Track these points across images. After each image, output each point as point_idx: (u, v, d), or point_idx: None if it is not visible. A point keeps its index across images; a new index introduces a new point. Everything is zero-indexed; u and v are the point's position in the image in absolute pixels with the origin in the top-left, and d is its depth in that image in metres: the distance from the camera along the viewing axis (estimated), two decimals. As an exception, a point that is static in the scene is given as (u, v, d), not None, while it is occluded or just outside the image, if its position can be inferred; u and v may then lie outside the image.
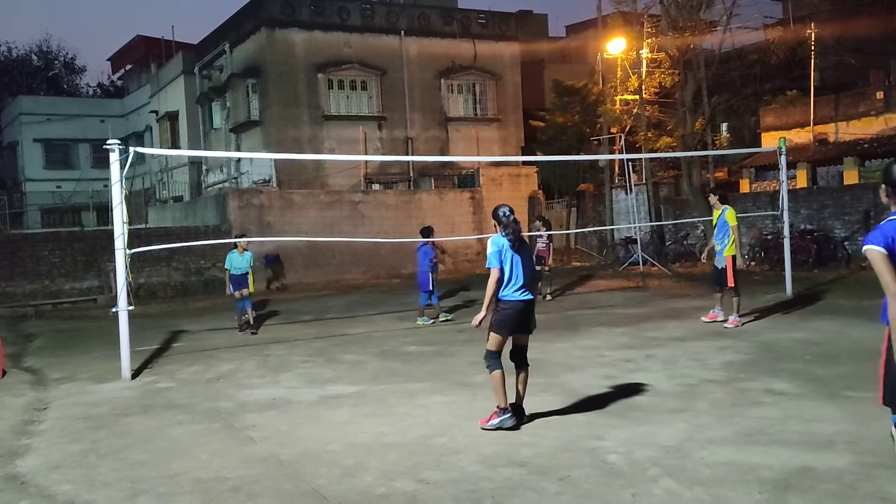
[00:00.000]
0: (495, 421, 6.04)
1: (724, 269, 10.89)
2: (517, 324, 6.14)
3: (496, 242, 6.13)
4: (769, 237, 18.90)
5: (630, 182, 22.97)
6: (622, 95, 24.97)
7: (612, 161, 24.67)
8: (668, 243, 22.17)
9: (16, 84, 50.06)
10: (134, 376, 9.11)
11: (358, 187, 25.70)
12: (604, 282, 18.26)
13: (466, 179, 25.99)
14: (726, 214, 10.81)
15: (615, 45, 24.80)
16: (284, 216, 21.60)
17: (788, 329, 10.20)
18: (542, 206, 25.70)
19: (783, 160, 13.99)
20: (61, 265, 18.99)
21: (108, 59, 47.67)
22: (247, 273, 12.70)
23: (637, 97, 23.65)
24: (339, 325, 13.25)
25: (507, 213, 6.20)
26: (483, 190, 24.80)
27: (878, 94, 25.85)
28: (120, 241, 8.94)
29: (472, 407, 6.90)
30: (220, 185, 28.80)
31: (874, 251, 3.79)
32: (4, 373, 9.70)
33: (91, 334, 13.41)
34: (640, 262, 20.51)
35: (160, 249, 16.77)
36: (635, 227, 21.51)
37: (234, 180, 28.41)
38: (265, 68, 26.56)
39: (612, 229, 23.58)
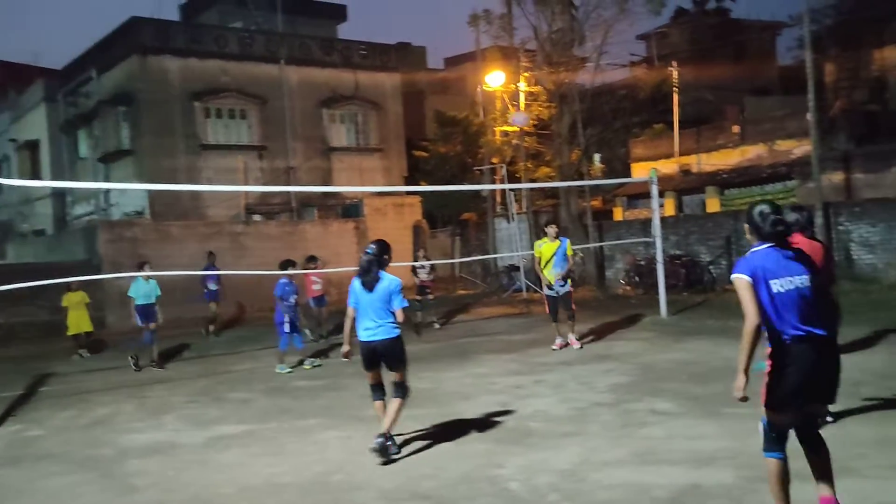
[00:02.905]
0: None
1: (568, 295, 11.45)
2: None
3: None
4: (642, 262, 19.83)
5: (511, 211, 23.56)
6: (502, 127, 25.66)
7: (494, 190, 25.24)
8: (548, 270, 22.81)
9: None
10: (-3, 426, 8.42)
11: (239, 218, 25.03)
12: (489, 309, 18.55)
13: (351, 209, 25.85)
14: (568, 246, 11.43)
15: (494, 78, 25.51)
16: (161, 249, 20.64)
17: (665, 350, 10.69)
18: (427, 236, 25.89)
19: (654, 189, 14.75)
20: None
21: (-39, 84, 44.44)
22: (154, 303, 12.22)
23: (516, 129, 24.37)
24: (223, 361, 12.78)
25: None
26: (367, 220, 24.74)
27: (734, 128, 27.79)
28: (-19, 279, 8.29)
29: (369, 441, 6.80)
30: (89, 218, 27.31)
31: (741, 280, 4.14)
32: None
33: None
34: (524, 289, 21.01)
35: (22, 288, 15.61)
36: (518, 255, 22.03)
37: (103, 212, 27.03)
38: (137, 96, 25.54)
39: (496, 257, 24.03)
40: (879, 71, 29.74)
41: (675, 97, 28.05)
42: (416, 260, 16.56)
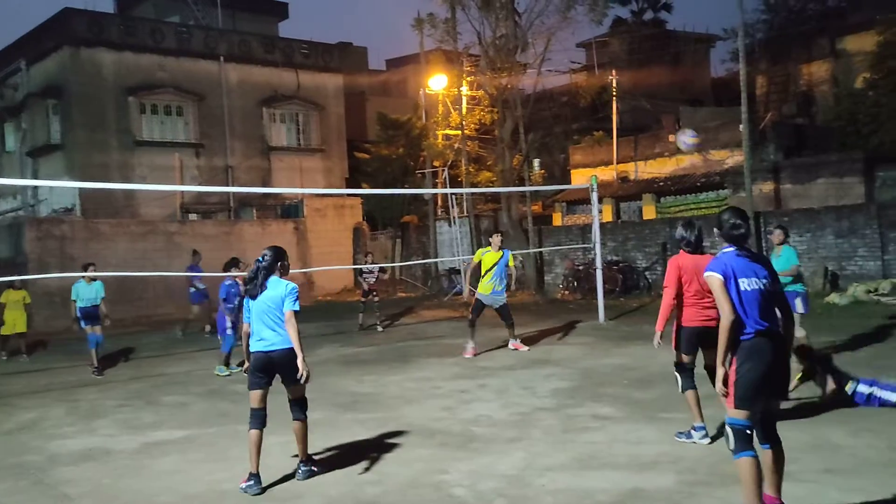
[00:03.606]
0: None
1: (505, 305, 11.67)
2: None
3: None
4: (581, 268, 20.14)
5: (453, 214, 23.62)
6: (444, 130, 25.70)
7: (436, 194, 25.27)
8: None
9: None
10: (-85, 432, 8.00)
11: (174, 217, 24.43)
12: (430, 312, 18.55)
13: (290, 209, 25.51)
14: (510, 258, 11.59)
15: (437, 82, 25.54)
16: (90, 248, 19.97)
17: (604, 355, 10.87)
18: (367, 238, 25.76)
19: (594, 196, 15.01)
20: None
21: None
22: (98, 306, 11.77)
23: (459, 132, 24.46)
24: (156, 364, 12.45)
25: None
26: (307, 220, 24.46)
27: (670, 136, 28.45)
28: None
29: (311, 446, 6.71)
30: (15, 214, 26.25)
31: (714, 278, 4.33)
32: None
33: None
34: (464, 292, 21.04)
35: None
36: (459, 259, 22.10)
37: (30, 208, 26.01)
38: (69, 89, 24.68)
39: (437, 261, 24.05)
40: (807, 86, 30.93)
41: (615, 105, 28.57)
42: (361, 263, 16.46)
